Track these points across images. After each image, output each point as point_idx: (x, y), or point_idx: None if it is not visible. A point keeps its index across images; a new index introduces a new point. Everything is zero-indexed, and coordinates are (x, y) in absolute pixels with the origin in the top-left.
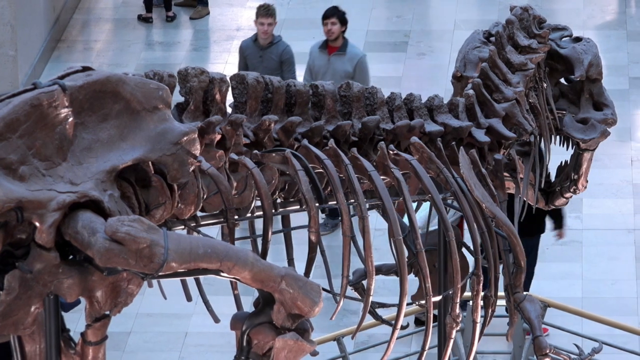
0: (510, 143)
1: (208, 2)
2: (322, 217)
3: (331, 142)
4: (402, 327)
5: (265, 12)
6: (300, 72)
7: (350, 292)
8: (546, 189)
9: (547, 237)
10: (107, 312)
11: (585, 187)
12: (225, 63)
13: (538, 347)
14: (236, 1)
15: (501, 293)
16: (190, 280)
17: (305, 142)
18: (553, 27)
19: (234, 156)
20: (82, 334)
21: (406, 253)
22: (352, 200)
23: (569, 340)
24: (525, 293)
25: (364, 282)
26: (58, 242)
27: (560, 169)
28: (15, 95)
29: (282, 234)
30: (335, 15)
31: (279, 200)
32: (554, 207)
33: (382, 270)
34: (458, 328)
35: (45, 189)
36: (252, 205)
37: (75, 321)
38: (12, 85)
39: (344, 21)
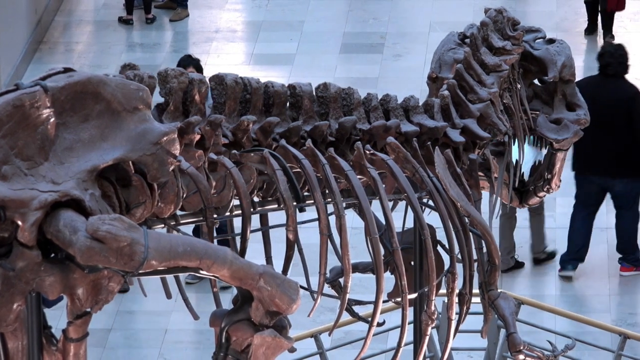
0: (485, 143)
1: (187, 5)
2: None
3: (308, 142)
4: (379, 324)
5: None
6: (274, 72)
7: (327, 289)
8: (520, 188)
9: (521, 235)
10: (88, 310)
11: (559, 187)
12: (204, 64)
13: (512, 344)
14: (215, 3)
15: (476, 291)
16: (170, 277)
17: (283, 142)
18: (527, 29)
19: (213, 156)
20: (64, 331)
21: (382, 251)
22: (329, 200)
23: (543, 337)
24: (499, 291)
25: (341, 280)
26: (40, 240)
27: (534, 168)
28: None
29: (260, 232)
30: (190, 64)
31: (257, 200)
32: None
33: (358, 268)
34: (433, 325)
35: (27, 188)
36: (231, 204)
37: (57, 318)
38: None
39: (199, 69)
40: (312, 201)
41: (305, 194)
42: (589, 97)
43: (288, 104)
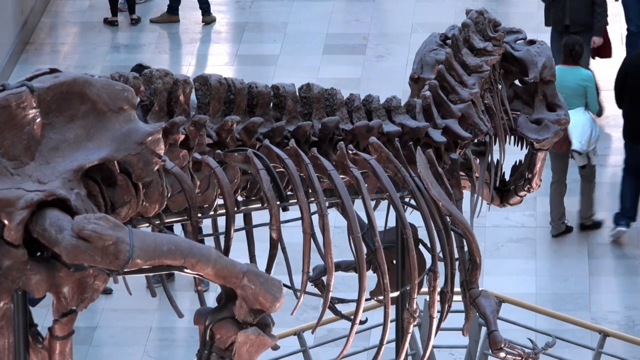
0: (466, 143)
1: (179, 11)
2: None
3: (292, 142)
4: (361, 322)
5: None
6: (258, 73)
7: (310, 288)
8: (501, 187)
9: (502, 234)
10: (74, 308)
11: (539, 186)
12: (189, 65)
13: (493, 342)
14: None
15: (457, 289)
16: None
17: (266, 142)
18: (508, 30)
19: (197, 156)
20: (50, 329)
21: (365, 250)
22: (312, 199)
23: (523, 335)
24: (480, 289)
25: (324, 278)
26: (26, 239)
27: (515, 168)
28: None
29: (244, 231)
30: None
31: (241, 199)
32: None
33: (341, 266)
34: (415, 323)
35: (13, 188)
36: (215, 203)
37: (43, 316)
38: None
39: None
40: (296, 200)
41: (289, 193)
42: (635, 71)
43: (272, 104)
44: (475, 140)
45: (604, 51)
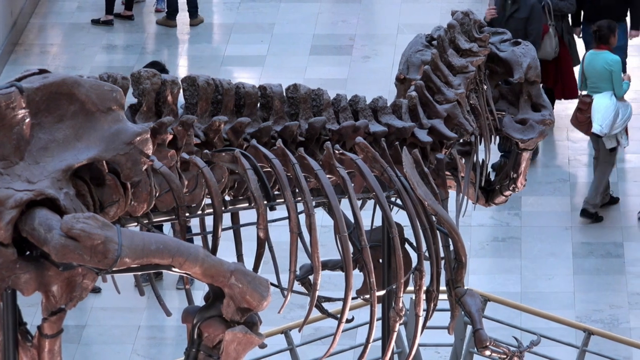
0: (452, 143)
1: (176, 17)
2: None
3: (279, 142)
4: (348, 321)
5: None
6: (245, 74)
7: (297, 286)
8: (486, 187)
9: (487, 233)
10: (63, 306)
11: (524, 185)
12: (177, 66)
13: (478, 340)
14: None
15: (443, 288)
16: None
17: (254, 142)
18: (493, 31)
19: (185, 155)
20: (39, 327)
21: (351, 249)
22: (299, 198)
23: (508, 333)
24: (466, 288)
25: (311, 277)
26: (15, 238)
27: (500, 168)
28: None
29: (231, 230)
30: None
31: (228, 198)
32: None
33: (328, 265)
34: (401, 321)
35: (3, 187)
36: (203, 203)
37: (32, 315)
38: None
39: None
40: (283, 200)
41: (276, 192)
42: None
43: (259, 104)
44: (461, 140)
45: (569, 92)
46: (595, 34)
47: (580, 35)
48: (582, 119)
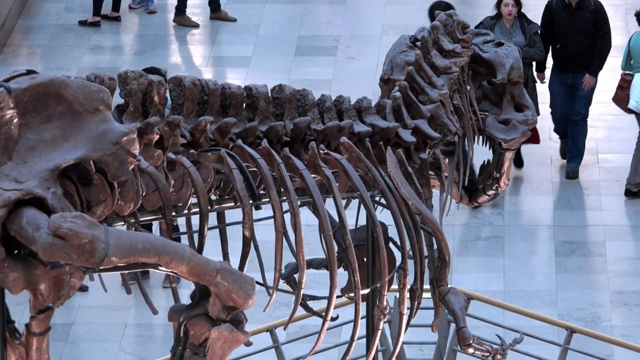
0: (436, 143)
1: (186, 12)
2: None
3: (264, 142)
4: (332, 319)
5: None
6: (231, 74)
7: (282, 285)
8: (470, 186)
9: (470, 232)
10: (51, 304)
11: (507, 185)
12: (163, 66)
13: (462, 338)
14: (174, 7)
15: (427, 286)
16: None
17: (239, 142)
18: (476, 32)
19: (171, 155)
20: (27, 325)
21: (336, 248)
22: (285, 198)
23: (492, 331)
24: (449, 286)
25: (296, 276)
26: (3, 237)
27: (483, 167)
28: None
29: (217, 229)
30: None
31: (214, 198)
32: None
33: (313, 264)
34: (385, 319)
35: None
36: (189, 202)
37: (20, 313)
38: None
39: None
40: (268, 199)
41: (261, 192)
42: None
43: (244, 105)
44: (445, 140)
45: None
46: (638, 17)
47: (544, 81)
48: (622, 96)
